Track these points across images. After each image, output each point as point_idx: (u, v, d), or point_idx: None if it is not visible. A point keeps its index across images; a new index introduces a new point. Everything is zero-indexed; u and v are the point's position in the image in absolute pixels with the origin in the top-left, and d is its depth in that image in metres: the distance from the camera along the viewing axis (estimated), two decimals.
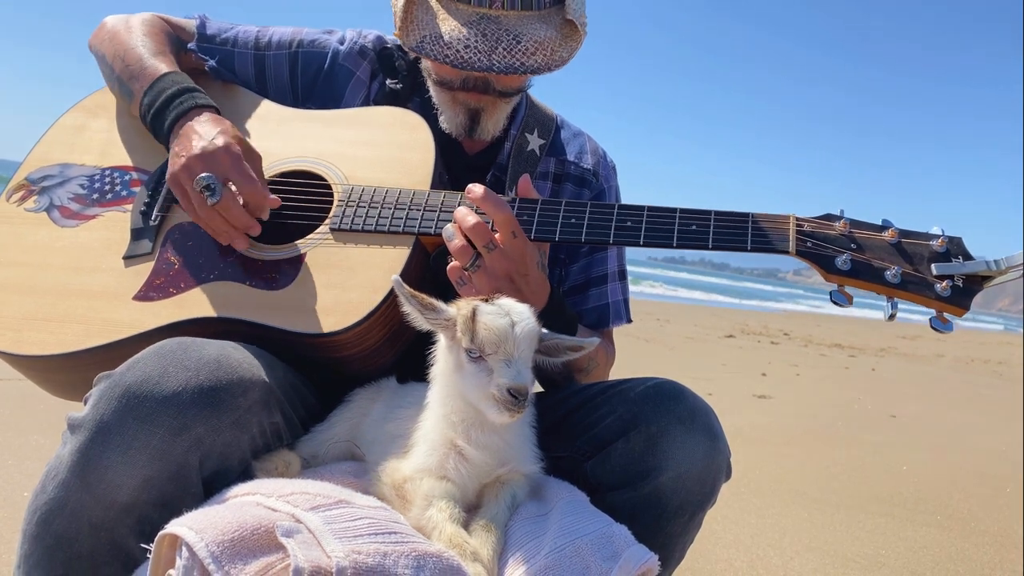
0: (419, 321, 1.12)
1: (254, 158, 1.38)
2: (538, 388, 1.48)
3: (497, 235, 1.25)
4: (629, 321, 1.71)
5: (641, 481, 1.21)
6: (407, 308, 1.12)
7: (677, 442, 1.20)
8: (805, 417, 5.82)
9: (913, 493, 4.11)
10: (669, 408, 1.23)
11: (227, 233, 1.34)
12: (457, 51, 1.33)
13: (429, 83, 1.51)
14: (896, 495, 4.03)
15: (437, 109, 1.51)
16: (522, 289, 1.28)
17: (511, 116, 1.56)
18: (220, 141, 1.33)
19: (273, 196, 1.37)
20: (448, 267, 1.28)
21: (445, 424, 1.13)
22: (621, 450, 1.23)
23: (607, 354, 1.62)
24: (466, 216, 1.25)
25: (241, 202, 1.34)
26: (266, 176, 1.45)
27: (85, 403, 1.09)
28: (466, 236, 1.25)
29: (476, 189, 1.27)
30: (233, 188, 1.33)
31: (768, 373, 7.96)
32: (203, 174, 1.30)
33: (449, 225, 1.28)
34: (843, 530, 3.42)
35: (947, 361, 12.26)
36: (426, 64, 1.50)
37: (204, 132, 1.35)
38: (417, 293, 1.11)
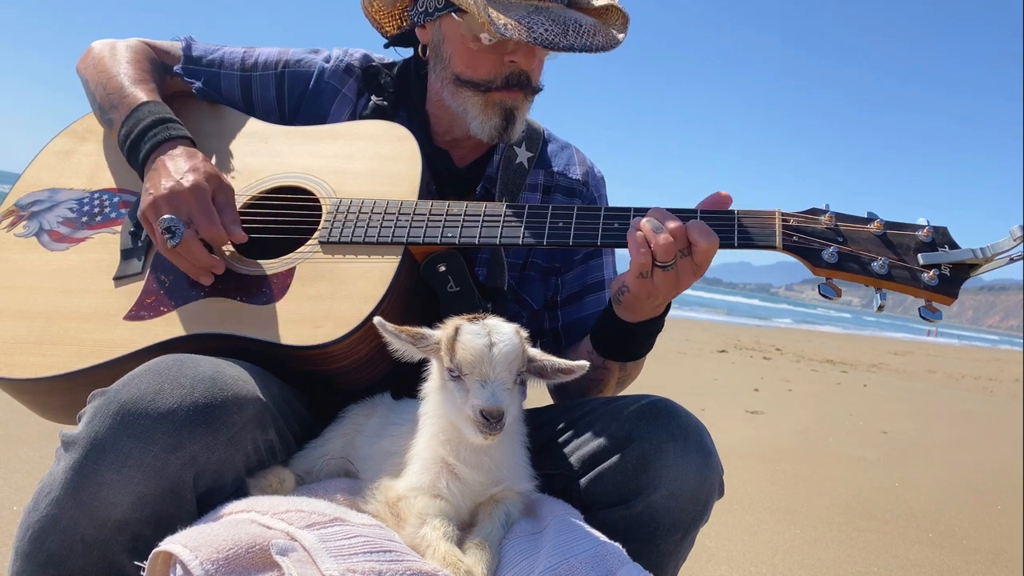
0: (411, 352, 1.13)
1: (225, 191, 1.38)
2: (531, 404, 1.49)
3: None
4: None
5: (634, 499, 1.21)
6: (396, 344, 1.12)
7: (670, 460, 1.20)
8: (797, 433, 5.83)
9: (905, 510, 4.12)
10: (662, 426, 1.23)
11: (191, 271, 1.35)
12: (541, 33, 1.34)
13: (454, 91, 1.49)
14: (888, 512, 4.04)
15: (466, 116, 1.49)
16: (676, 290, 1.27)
17: None
18: (188, 181, 1.33)
19: (240, 232, 1.36)
20: (636, 260, 1.23)
21: (436, 442, 1.13)
22: (614, 468, 1.24)
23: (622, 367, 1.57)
24: (670, 218, 1.21)
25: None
26: (253, 194, 1.46)
27: (79, 420, 1.09)
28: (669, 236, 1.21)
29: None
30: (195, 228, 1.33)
31: (760, 388, 7.98)
32: (165, 216, 1.31)
33: (652, 221, 1.22)
34: (835, 547, 3.42)
35: (938, 377, 12.31)
36: (451, 71, 1.48)
37: (174, 169, 1.36)
38: (401, 327, 1.12)
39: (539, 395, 1.41)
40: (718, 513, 1.29)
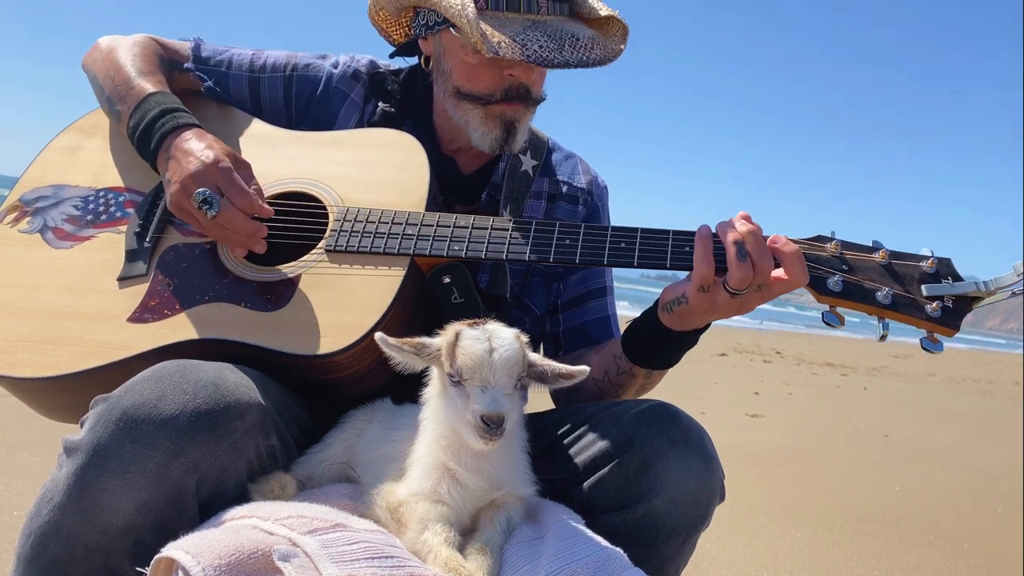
0: (414, 362, 1.13)
1: (243, 167, 1.38)
2: (532, 408, 1.49)
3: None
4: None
5: (635, 504, 1.21)
6: (399, 357, 1.12)
7: (671, 465, 1.20)
8: (798, 436, 5.83)
9: (905, 513, 4.11)
10: (663, 430, 1.23)
11: (238, 242, 1.35)
12: (535, 51, 1.34)
13: (455, 103, 1.50)
14: (888, 515, 4.04)
15: (467, 128, 1.50)
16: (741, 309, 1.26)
17: None
18: (208, 157, 1.34)
19: (265, 205, 1.36)
20: (699, 272, 1.22)
21: (437, 447, 1.13)
22: (615, 472, 1.24)
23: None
24: (764, 254, 1.20)
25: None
26: None
27: (82, 426, 1.09)
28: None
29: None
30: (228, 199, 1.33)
31: (761, 392, 7.97)
32: (199, 189, 1.31)
33: (740, 246, 1.21)
34: (836, 551, 3.42)
35: (939, 380, 12.30)
36: (452, 84, 1.49)
37: (191, 150, 1.36)
38: (403, 340, 1.12)
39: (540, 399, 1.41)
40: (718, 516, 1.29)
